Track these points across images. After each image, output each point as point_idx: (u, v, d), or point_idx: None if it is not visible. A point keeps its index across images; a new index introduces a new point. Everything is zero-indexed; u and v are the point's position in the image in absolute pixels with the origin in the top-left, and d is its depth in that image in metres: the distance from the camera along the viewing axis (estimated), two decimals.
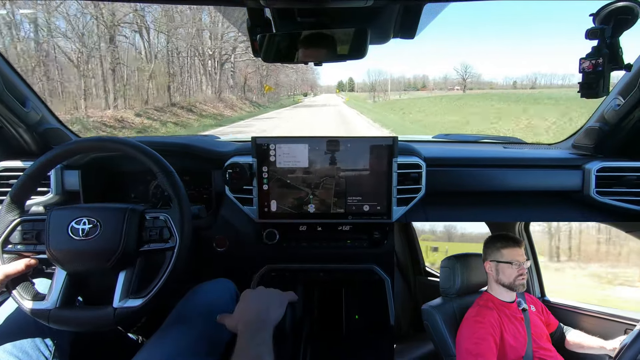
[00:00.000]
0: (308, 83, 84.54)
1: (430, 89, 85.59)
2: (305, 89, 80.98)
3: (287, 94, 54.21)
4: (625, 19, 0.83)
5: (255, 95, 31.89)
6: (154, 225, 0.78)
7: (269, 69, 31.65)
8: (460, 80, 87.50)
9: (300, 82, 70.60)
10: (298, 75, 58.41)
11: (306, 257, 1.11)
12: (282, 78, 46.19)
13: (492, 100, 21.69)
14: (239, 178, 1.03)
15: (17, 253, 0.76)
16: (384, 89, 60.34)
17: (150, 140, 1.03)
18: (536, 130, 12.16)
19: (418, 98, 39.08)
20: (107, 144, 0.84)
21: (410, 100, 36.54)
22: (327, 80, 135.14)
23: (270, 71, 33.64)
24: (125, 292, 0.74)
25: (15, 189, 0.78)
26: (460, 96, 36.30)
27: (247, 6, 0.70)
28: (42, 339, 0.77)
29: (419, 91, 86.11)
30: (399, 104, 30.46)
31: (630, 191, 1.06)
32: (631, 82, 0.98)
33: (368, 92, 75.78)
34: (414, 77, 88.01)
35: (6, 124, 1.08)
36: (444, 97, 35.07)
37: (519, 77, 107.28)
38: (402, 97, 51.38)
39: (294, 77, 57.24)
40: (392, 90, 62.11)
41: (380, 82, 68.47)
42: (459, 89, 77.68)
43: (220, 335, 0.83)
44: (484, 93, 41.31)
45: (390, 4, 0.68)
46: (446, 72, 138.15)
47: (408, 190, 1.04)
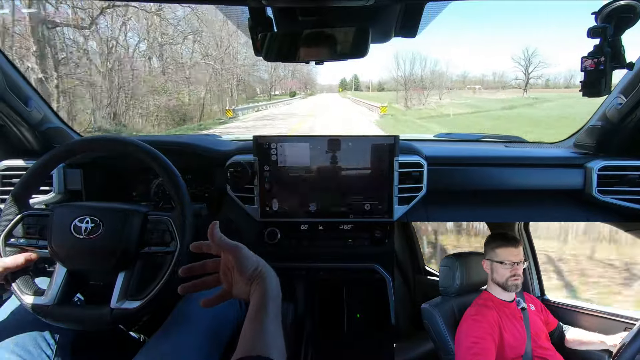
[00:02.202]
0: (302, 79, 65.63)
1: (473, 88, 55.40)
2: (292, 86, 59.95)
3: (266, 93, 40.01)
4: (627, 18, 0.83)
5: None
6: (155, 228, 0.78)
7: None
8: (522, 72, 49.58)
9: (289, 76, 54.05)
10: (285, 70, 46.81)
11: (307, 256, 1.11)
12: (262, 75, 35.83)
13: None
14: (240, 177, 1.03)
15: (19, 247, 0.77)
16: (420, 85, 38.86)
17: (152, 140, 1.03)
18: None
19: (487, 111, 23.69)
20: (109, 143, 0.84)
21: (476, 113, 22.10)
22: (328, 78, 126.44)
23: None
24: (123, 293, 0.74)
25: (19, 185, 0.79)
26: (536, 100, 29.52)
27: (249, 5, 0.70)
28: (43, 336, 0.78)
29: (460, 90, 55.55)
30: (467, 121, 18.50)
31: (632, 190, 1.06)
32: (633, 81, 0.98)
33: (393, 90, 47.11)
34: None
35: (9, 123, 1.08)
36: (536, 100, 27.65)
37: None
38: (453, 101, 34.43)
39: (281, 73, 45.81)
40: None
41: (414, 77, 40.75)
42: (517, 87, 48.05)
43: (221, 333, 0.84)
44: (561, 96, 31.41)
45: (391, 3, 0.68)
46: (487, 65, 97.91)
47: (409, 189, 1.04)
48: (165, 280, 0.74)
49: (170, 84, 18.00)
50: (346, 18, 0.75)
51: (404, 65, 41.87)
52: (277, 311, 0.56)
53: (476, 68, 79.58)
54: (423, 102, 34.39)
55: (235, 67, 25.88)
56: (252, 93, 36.38)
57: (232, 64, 25.09)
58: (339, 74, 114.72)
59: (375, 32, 0.75)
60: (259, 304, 0.56)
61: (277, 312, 0.56)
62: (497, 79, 53.10)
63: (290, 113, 22.18)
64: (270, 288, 0.58)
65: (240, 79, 28.37)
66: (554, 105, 24.68)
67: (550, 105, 25.66)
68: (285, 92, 56.99)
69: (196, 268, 0.66)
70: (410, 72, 41.61)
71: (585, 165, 1.09)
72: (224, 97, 23.44)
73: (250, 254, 0.62)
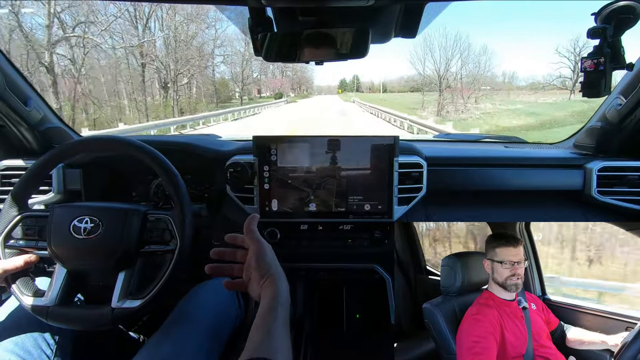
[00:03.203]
0: (294, 79, 55.42)
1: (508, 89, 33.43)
2: (280, 86, 47.44)
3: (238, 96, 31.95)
4: (627, 18, 0.83)
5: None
6: (155, 227, 0.78)
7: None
8: (569, 70, 25.21)
9: (277, 74, 45.05)
10: (274, 67, 37.03)
11: (307, 256, 1.11)
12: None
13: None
14: (240, 177, 1.03)
15: (18, 248, 0.77)
16: (459, 84, 24.25)
17: (152, 140, 1.03)
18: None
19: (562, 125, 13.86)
20: (109, 143, 0.84)
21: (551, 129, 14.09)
22: (327, 79, 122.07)
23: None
24: (124, 293, 0.74)
25: (18, 185, 0.79)
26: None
27: (249, 5, 0.70)
28: (43, 337, 0.78)
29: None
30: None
31: (631, 191, 1.06)
32: (633, 82, 0.98)
33: (411, 91, 38.05)
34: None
35: (8, 123, 1.08)
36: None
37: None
38: (499, 106, 22.72)
39: (270, 69, 37.28)
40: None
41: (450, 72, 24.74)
42: (562, 88, 25.52)
43: (221, 334, 0.84)
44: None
45: (391, 3, 0.68)
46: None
47: (409, 190, 1.04)
48: (166, 279, 0.74)
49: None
50: (346, 18, 0.76)
51: (439, 54, 25.38)
52: (285, 316, 0.57)
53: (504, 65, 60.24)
54: (462, 109, 22.19)
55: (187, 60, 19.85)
56: (227, 96, 30.00)
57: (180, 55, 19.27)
58: (338, 74, 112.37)
59: (375, 32, 0.75)
60: (268, 307, 0.57)
61: (286, 318, 0.57)
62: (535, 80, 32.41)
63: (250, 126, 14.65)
64: (280, 292, 0.59)
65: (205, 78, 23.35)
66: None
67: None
68: (283, 93, 46.43)
69: (227, 253, 0.69)
70: (447, 64, 25.21)
71: (585, 165, 1.10)
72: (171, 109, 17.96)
73: (270, 256, 0.66)
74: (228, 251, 0.70)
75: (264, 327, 0.54)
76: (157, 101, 20.40)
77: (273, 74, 45.49)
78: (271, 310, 0.56)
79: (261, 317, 0.55)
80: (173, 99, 20.30)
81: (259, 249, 0.65)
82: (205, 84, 25.82)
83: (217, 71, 28.22)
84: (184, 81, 21.47)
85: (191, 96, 23.80)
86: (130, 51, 18.54)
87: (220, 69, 29.49)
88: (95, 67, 17.54)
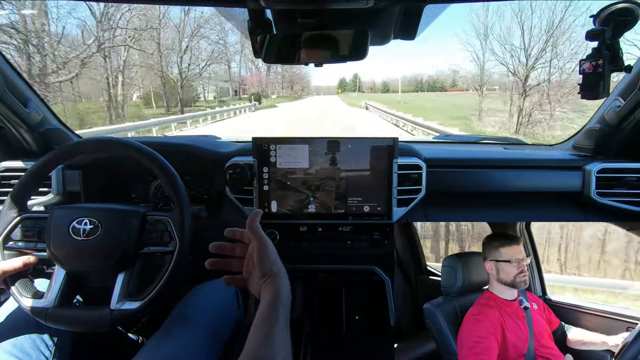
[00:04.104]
0: (285, 76, 48.20)
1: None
2: (253, 84, 38.83)
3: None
4: (625, 21, 0.84)
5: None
6: (154, 228, 0.78)
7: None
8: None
9: (263, 69, 37.11)
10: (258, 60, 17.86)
11: (306, 257, 1.10)
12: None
13: None
14: (239, 178, 1.03)
15: (17, 250, 0.76)
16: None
17: (151, 141, 1.03)
18: None
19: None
20: (108, 144, 0.84)
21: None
22: (326, 80, 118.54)
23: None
24: (123, 294, 0.74)
25: (17, 187, 0.78)
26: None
27: (248, 7, 0.70)
28: (42, 338, 0.77)
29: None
30: None
31: (630, 192, 1.06)
32: (631, 84, 0.99)
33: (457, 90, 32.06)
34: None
35: (7, 125, 1.08)
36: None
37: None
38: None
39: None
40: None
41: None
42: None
43: (220, 335, 0.83)
44: None
45: (391, 5, 0.68)
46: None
47: (408, 191, 1.04)
48: (165, 280, 0.73)
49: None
50: (345, 20, 0.76)
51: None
52: (286, 316, 0.56)
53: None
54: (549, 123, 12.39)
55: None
56: (191, 96, 23.63)
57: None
58: (337, 74, 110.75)
59: (374, 34, 0.75)
60: (269, 308, 0.56)
61: (287, 318, 0.56)
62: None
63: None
64: (282, 292, 0.59)
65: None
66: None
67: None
68: (262, 94, 37.10)
69: (227, 248, 0.69)
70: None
71: (584, 167, 1.10)
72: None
73: (273, 254, 0.65)
74: (228, 246, 0.69)
75: (264, 327, 0.53)
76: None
77: (257, 67, 37.78)
78: (272, 311, 0.55)
79: (261, 317, 0.55)
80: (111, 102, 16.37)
81: (261, 245, 0.64)
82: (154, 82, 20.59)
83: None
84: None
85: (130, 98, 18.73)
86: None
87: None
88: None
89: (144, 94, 21.33)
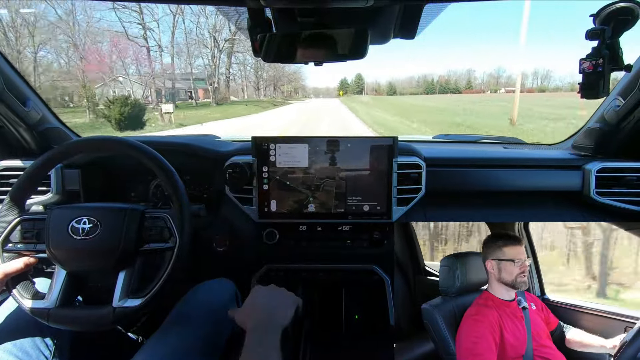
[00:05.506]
0: (281, 75, 39.88)
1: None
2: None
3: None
4: (625, 20, 0.83)
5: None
6: (154, 225, 0.78)
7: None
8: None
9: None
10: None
11: (306, 257, 1.10)
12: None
13: None
14: (239, 178, 1.03)
15: (17, 252, 0.76)
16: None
17: (150, 140, 1.03)
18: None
19: None
20: (107, 143, 0.84)
21: None
22: (326, 80, 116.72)
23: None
24: (124, 292, 0.74)
25: (15, 188, 0.78)
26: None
27: (247, 6, 0.70)
28: (42, 338, 0.77)
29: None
30: None
31: (630, 192, 1.06)
32: (631, 83, 0.98)
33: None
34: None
35: (7, 123, 1.08)
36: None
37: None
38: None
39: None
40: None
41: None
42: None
43: (220, 334, 0.83)
44: None
45: (390, 4, 0.68)
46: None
47: (408, 191, 1.04)
48: (166, 277, 0.73)
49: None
50: (345, 19, 0.75)
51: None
52: (259, 339, 0.62)
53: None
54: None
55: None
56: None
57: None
58: (338, 74, 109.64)
59: (374, 33, 0.75)
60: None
61: (260, 340, 0.62)
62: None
63: None
64: (251, 319, 0.66)
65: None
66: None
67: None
68: (286, 96, 27.87)
69: None
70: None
71: (584, 166, 1.10)
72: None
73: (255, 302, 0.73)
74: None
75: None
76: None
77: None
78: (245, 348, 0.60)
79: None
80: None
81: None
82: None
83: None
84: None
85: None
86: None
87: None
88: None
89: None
